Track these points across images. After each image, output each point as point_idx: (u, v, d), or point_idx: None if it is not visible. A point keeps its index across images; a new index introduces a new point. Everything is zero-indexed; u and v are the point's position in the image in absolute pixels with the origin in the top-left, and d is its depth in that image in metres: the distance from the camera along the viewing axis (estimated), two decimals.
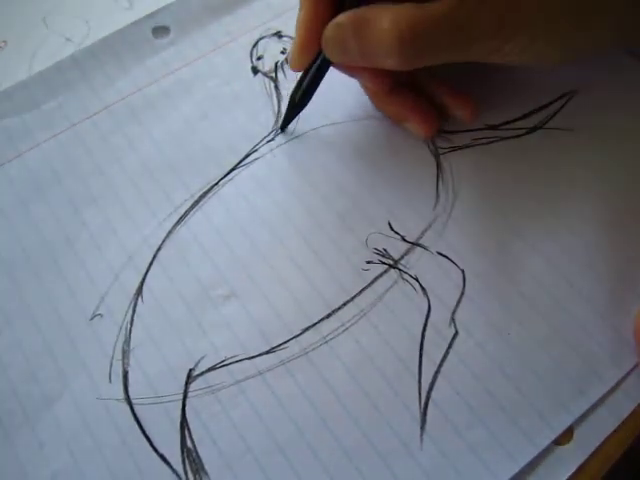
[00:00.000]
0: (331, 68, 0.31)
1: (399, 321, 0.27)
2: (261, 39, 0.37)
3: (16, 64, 0.37)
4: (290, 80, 0.35)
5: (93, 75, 0.35)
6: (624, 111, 0.32)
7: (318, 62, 0.30)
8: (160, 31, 0.37)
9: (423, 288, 0.28)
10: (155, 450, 0.25)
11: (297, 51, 0.30)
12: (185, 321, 0.28)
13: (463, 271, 0.28)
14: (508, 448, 0.25)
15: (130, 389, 0.26)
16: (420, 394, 0.26)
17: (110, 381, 0.27)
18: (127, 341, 0.27)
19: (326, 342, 0.27)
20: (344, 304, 0.28)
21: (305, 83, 0.31)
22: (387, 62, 0.27)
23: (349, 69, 0.31)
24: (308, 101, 0.32)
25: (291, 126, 0.33)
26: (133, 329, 0.28)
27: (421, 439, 0.25)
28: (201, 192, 0.31)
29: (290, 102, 0.32)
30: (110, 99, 0.35)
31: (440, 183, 0.31)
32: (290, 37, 0.36)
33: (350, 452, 0.25)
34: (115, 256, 0.30)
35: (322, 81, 0.31)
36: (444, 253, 0.29)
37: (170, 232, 0.30)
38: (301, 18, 0.29)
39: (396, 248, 0.29)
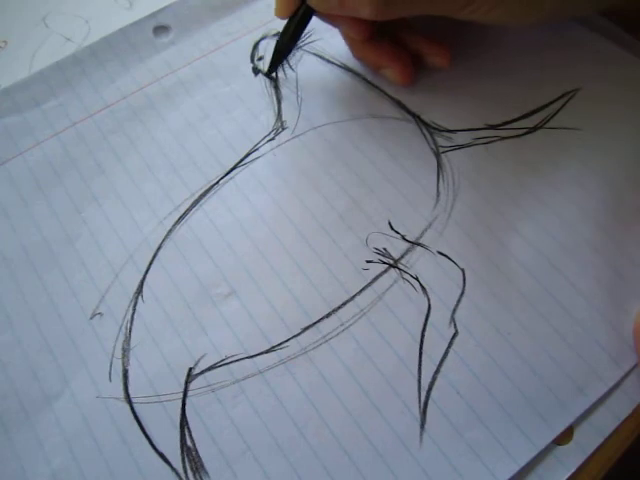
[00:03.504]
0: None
1: (399, 320, 0.27)
2: (262, 39, 0.37)
3: (16, 64, 0.37)
4: (290, 80, 0.35)
5: (94, 74, 0.35)
6: (625, 110, 0.32)
7: (302, 10, 0.33)
8: (161, 31, 0.37)
9: (423, 287, 0.28)
10: (155, 449, 0.25)
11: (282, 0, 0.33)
12: (185, 320, 0.28)
13: (463, 270, 0.28)
14: (508, 448, 0.25)
15: (130, 388, 0.26)
16: (420, 393, 0.26)
17: (110, 380, 0.27)
18: (127, 340, 0.27)
19: (326, 341, 0.27)
20: (344, 303, 0.28)
21: (290, 31, 0.33)
22: (362, 11, 0.29)
23: (330, 17, 0.33)
24: (292, 48, 0.35)
25: (292, 124, 0.33)
26: (133, 328, 0.28)
27: (421, 438, 0.25)
28: (201, 191, 0.31)
29: (275, 49, 0.34)
30: (111, 98, 0.35)
31: (440, 182, 0.31)
32: None
33: (350, 451, 0.25)
34: (115, 255, 0.30)
35: (305, 29, 0.34)
36: (444, 252, 0.29)
37: (170, 231, 0.30)
38: None
39: (396, 247, 0.29)
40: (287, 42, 0.34)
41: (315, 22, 0.33)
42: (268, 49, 0.36)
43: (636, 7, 0.33)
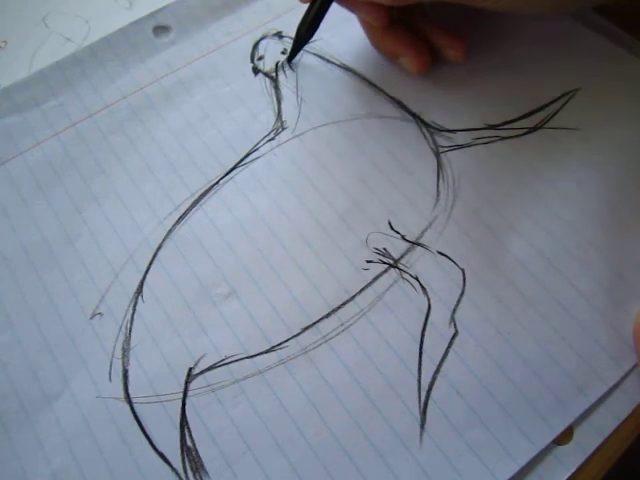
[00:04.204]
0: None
1: (399, 320, 0.27)
2: (262, 39, 0.37)
3: (16, 64, 0.37)
4: (290, 80, 0.35)
5: (94, 74, 0.35)
6: (625, 109, 0.32)
7: None
8: (161, 31, 0.37)
9: (423, 287, 0.28)
10: (155, 449, 0.25)
11: None
12: (185, 320, 0.28)
13: (463, 270, 0.28)
14: (508, 448, 0.25)
15: (130, 388, 0.26)
16: (420, 393, 0.26)
17: (110, 380, 0.27)
18: (127, 340, 0.27)
19: (326, 341, 0.27)
20: (344, 303, 0.28)
21: (310, 16, 0.34)
22: None
23: (349, 3, 0.33)
24: (313, 34, 0.35)
25: (292, 124, 0.33)
26: (133, 328, 0.28)
27: (421, 438, 0.25)
28: (201, 191, 0.31)
29: (296, 35, 0.35)
30: (111, 98, 0.35)
31: (440, 182, 0.31)
32: (290, 38, 0.36)
33: (350, 451, 0.25)
34: (115, 255, 0.30)
35: (325, 16, 0.34)
36: (444, 252, 0.29)
37: (170, 231, 0.30)
38: None
39: (396, 247, 0.29)
40: (307, 28, 0.34)
41: None
42: (268, 49, 0.36)
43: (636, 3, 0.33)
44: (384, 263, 0.29)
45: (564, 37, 0.35)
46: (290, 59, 0.35)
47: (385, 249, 0.29)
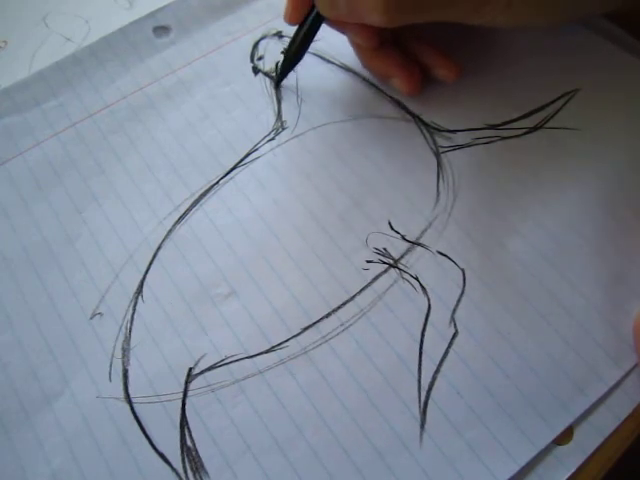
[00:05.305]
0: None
1: (399, 320, 0.27)
2: (262, 39, 0.37)
3: (16, 64, 0.37)
4: (290, 80, 0.35)
5: (94, 74, 0.35)
6: (625, 110, 0.33)
7: (311, 17, 0.32)
8: (161, 30, 0.37)
9: (423, 287, 0.28)
10: (155, 449, 0.25)
11: (291, 5, 0.32)
12: (185, 320, 0.28)
13: (463, 270, 0.28)
14: (508, 448, 0.25)
15: (130, 388, 0.26)
16: (420, 393, 0.26)
17: (110, 380, 0.27)
18: (127, 340, 0.27)
19: (326, 341, 0.27)
20: (344, 303, 0.28)
21: (299, 37, 0.33)
22: (372, 18, 0.29)
23: (339, 24, 0.33)
24: (302, 56, 0.34)
25: (292, 124, 0.33)
26: (133, 328, 0.28)
27: (421, 438, 0.25)
28: (202, 191, 0.31)
29: (285, 56, 0.34)
30: (111, 98, 0.35)
31: (441, 182, 0.31)
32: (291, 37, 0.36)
33: (350, 451, 0.25)
34: (115, 255, 0.30)
35: (315, 37, 0.33)
36: (444, 252, 0.29)
37: (170, 231, 0.30)
38: None
39: (396, 247, 0.29)
40: (297, 49, 0.33)
41: None
42: (268, 49, 0.36)
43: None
44: (384, 263, 0.29)
45: (564, 38, 0.35)
46: (279, 81, 0.35)
47: (385, 249, 0.29)
